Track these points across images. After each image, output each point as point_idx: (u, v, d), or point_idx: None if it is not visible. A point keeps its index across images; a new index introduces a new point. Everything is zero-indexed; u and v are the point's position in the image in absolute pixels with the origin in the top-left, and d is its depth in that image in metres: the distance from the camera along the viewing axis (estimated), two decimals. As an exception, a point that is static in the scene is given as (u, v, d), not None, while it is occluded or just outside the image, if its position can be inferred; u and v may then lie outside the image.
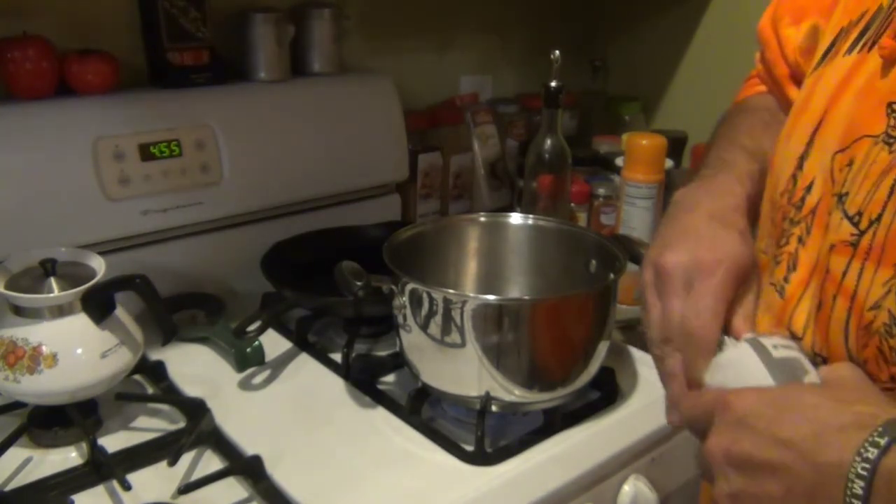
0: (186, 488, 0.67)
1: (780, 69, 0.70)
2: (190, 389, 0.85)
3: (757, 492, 0.43)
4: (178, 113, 1.00)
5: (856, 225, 0.47)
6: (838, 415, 0.42)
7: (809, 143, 0.54)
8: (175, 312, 0.97)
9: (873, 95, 0.49)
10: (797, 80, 0.66)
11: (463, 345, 0.74)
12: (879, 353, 0.45)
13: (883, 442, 0.39)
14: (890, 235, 0.45)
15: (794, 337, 0.51)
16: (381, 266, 0.77)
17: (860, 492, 0.39)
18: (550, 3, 1.50)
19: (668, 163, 1.13)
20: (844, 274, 0.48)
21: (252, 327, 0.87)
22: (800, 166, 0.54)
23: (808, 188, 0.52)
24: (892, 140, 0.46)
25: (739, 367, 0.50)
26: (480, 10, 1.40)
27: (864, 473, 0.39)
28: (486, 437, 0.75)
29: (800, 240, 0.53)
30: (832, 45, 0.56)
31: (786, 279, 0.53)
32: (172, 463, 0.69)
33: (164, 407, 0.82)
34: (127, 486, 0.67)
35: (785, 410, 0.44)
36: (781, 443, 0.42)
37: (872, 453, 0.39)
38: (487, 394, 0.76)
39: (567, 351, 0.78)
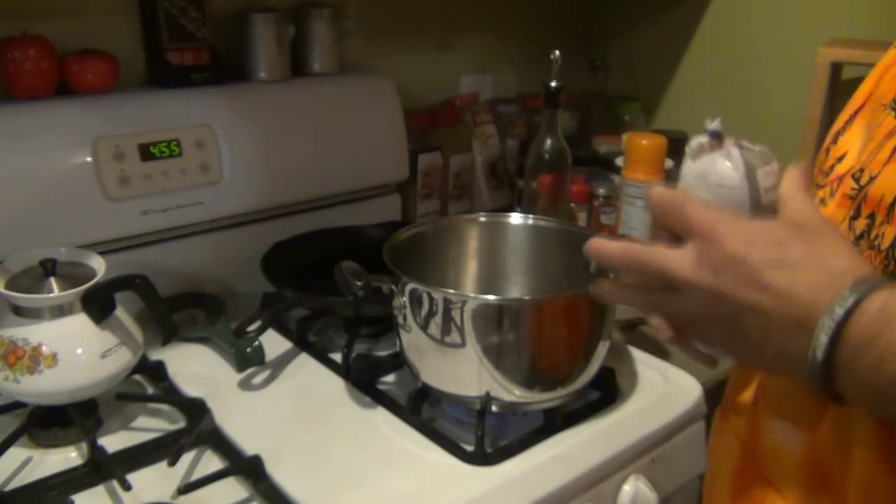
0: (186, 488, 0.67)
1: None
2: (190, 389, 0.85)
3: (729, 326, 0.46)
4: (178, 113, 1.00)
5: (857, 181, 0.50)
6: (816, 270, 0.43)
7: (849, 121, 0.57)
8: (175, 312, 0.97)
9: None
10: None
11: (463, 345, 0.74)
12: None
13: (848, 304, 0.41)
14: (877, 189, 0.47)
15: None
16: (381, 266, 0.77)
17: (826, 338, 0.41)
18: (550, 3, 1.50)
19: (668, 163, 1.13)
20: (844, 224, 0.51)
21: (252, 327, 0.87)
22: (834, 140, 0.57)
23: (840, 158, 0.55)
24: None
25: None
26: (480, 10, 1.40)
27: (829, 332, 0.41)
28: (486, 437, 0.75)
29: (822, 201, 0.55)
30: None
31: None
32: (172, 463, 0.69)
33: (164, 407, 0.82)
34: (127, 486, 0.67)
35: (768, 256, 0.44)
36: (762, 286, 0.44)
37: (837, 314, 0.41)
38: (487, 394, 0.76)
39: (567, 351, 0.78)
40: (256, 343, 0.90)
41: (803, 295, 0.42)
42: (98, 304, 0.76)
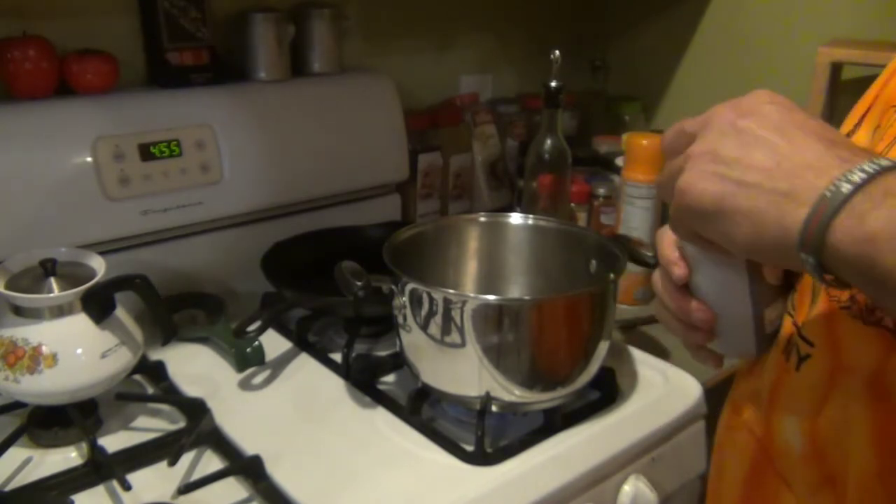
0: (186, 488, 0.67)
1: None
2: (190, 389, 0.85)
3: (733, 175, 0.43)
4: (178, 113, 1.00)
5: None
6: (806, 152, 0.42)
7: (858, 124, 0.56)
8: (175, 312, 0.97)
9: None
10: None
11: (463, 345, 0.74)
12: None
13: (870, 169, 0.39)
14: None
15: None
16: (381, 266, 0.77)
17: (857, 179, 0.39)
18: (550, 3, 1.50)
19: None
20: None
21: (252, 327, 0.87)
22: None
23: None
24: None
25: None
26: (480, 10, 1.40)
27: (858, 179, 0.39)
28: (486, 437, 0.75)
29: None
30: None
31: None
32: (172, 463, 0.69)
33: (164, 407, 0.82)
34: (127, 486, 0.67)
35: (787, 120, 0.44)
36: (783, 134, 0.43)
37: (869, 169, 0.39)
38: (487, 394, 0.76)
39: (567, 351, 0.78)
40: (256, 343, 0.90)
41: (818, 146, 0.41)
42: (98, 304, 0.76)
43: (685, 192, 0.45)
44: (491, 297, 0.75)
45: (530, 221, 0.91)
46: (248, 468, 0.71)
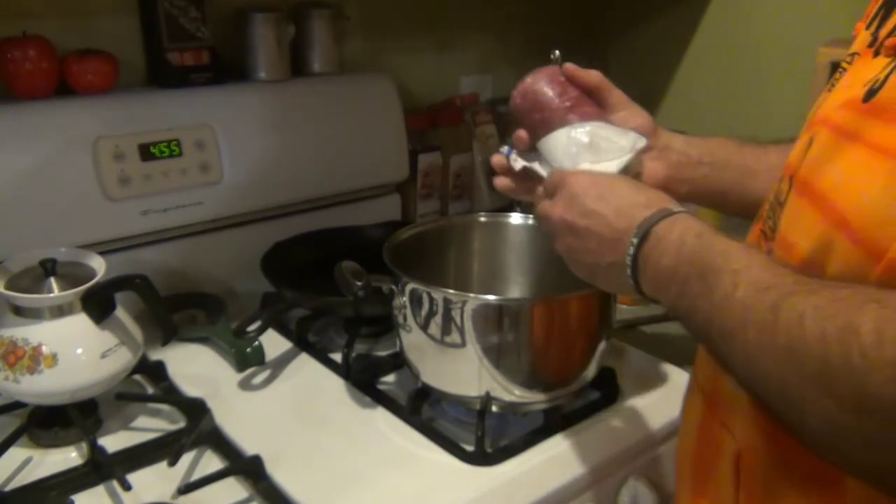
0: (186, 488, 0.67)
1: None
2: (190, 389, 0.85)
3: (580, 246, 0.62)
4: (178, 113, 1.00)
5: None
6: (635, 197, 0.60)
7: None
8: (175, 312, 0.97)
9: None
10: None
11: (463, 345, 0.74)
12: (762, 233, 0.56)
13: (654, 217, 0.56)
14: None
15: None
16: (381, 266, 0.77)
17: (632, 250, 0.56)
18: (550, 3, 1.50)
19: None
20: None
21: (252, 327, 0.87)
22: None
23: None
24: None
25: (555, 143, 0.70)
26: (480, 10, 1.40)
27: (636, 240, 0.56)
28: (486, 437, 0.75)
29: None
30: None
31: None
32: (172, 463, 0.69)
33: (164, 407, 0.82)
34: (127, 486, 0.67)
35: (603, 192, 0.61)
36: (597, 213, 0.60)
37: (647, 224, 0.56)
38: (487, 394, 0.76)
39: (567, 351, 0.78)
40: (256, 343, 0.90)
41: (618, 217, 0.59)
42: (98, 304, 0.76)
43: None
44: (491, 297, 0.75)
45: (530, 221, 0.91)
46: (248, 468, 0.71)
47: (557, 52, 1.03)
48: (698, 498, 0.60)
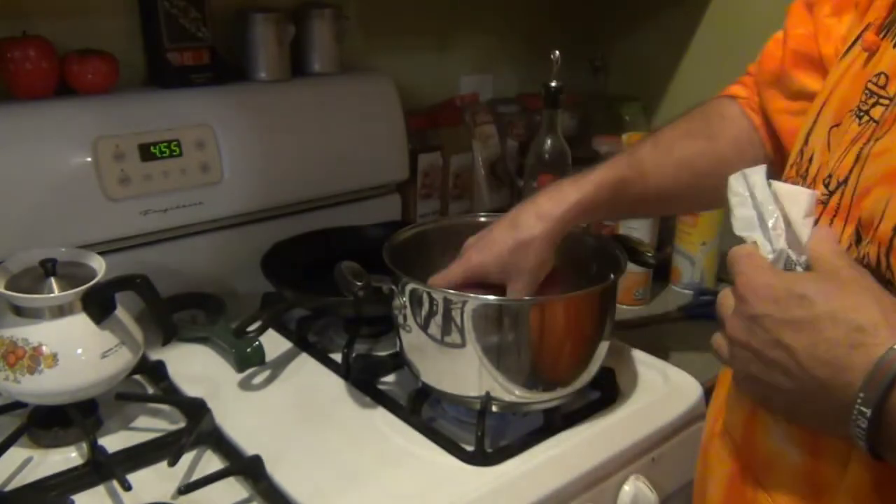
0: (186, 488, 0.67)
1: (804, 48, 0.71)
2: (190, 389, 0.85)
3: (769, 381, 0.48)
4: (178, 113, 1.00)
5: (826, 186, 0.52)
6: (835, 328, 0.44)
7: (815, 121, 0.58)
8: (175, 312, 0.97)
9: (860, 78, 0.54)
10: (816, 65, 0.69)
11: (463, 345, 0.74)
12: None
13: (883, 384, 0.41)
14: (855, 197, 0.49)
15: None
16: (381, 266, 0.77)
17: (865, 425, 0.42)
18: (550, 3, 1.50)
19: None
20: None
21: (252, 327, 0.87)
22: (805, 141, 0.58)
23: (811, 159, 0.57)
24: (861, 114, 0.52)
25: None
26: (480, 10, 1.40)
27: (867, 411, 0.41)
28: (486, 437, 0.75)
29: None
30: (857, 38, 0.59)
31: None
32: (172, 463, 0.69)
33: (164, 407, 0.82)
34: (127, 486, 0.67)
35: (788, 316, 0.46)
36: (784, 347, 0.46)
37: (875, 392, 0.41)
38: (487, 394, 0.76)
39: (567, 351, 0.78)
40: (256, 343, 0.90)
41: (823, 355, 0.43)
42: (98, 304, 0.76)
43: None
44: (491, 297, 0.75)
45: (530, 221, 0.91)
46: (248, 468, 0.71)
47: (557, 53, 1.03)
48: None
